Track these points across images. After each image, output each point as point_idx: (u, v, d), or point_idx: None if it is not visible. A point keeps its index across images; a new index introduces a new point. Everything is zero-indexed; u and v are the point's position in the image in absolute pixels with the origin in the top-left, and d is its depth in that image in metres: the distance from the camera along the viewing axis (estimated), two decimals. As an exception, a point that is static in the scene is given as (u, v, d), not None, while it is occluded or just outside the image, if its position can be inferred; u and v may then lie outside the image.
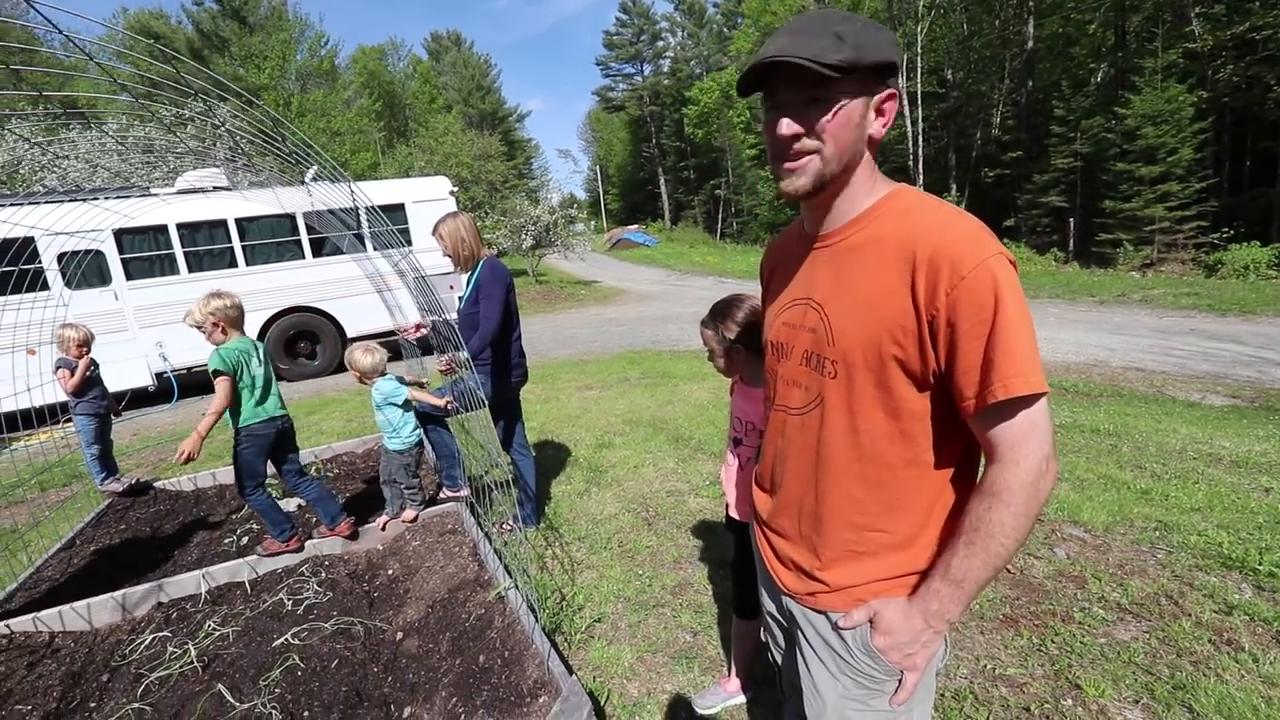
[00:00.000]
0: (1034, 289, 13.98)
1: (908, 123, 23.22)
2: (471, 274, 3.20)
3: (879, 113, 0.93)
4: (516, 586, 2.53)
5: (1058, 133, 18.95)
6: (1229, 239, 15.27)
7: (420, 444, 3.35)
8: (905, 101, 23.12)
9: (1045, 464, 0.86)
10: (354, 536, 3.23)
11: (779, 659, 1.29)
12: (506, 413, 3.44)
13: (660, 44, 50.70)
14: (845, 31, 0.87)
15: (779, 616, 1.22)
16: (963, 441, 0.96)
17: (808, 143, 0.91)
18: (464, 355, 2.96)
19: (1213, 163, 16.98)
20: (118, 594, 2.79)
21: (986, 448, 0.90)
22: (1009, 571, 2.72)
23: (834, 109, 0.88)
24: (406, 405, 3.25)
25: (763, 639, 1.32)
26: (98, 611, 2.75)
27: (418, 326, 3.53)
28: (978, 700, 2.02)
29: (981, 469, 0.93)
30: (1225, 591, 2.46)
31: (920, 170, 22.97)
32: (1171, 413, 5.11)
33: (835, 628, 1.03)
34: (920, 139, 23.18)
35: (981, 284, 0.83)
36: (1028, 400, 0.84)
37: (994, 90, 23.61)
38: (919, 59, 22.64)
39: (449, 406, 3.25)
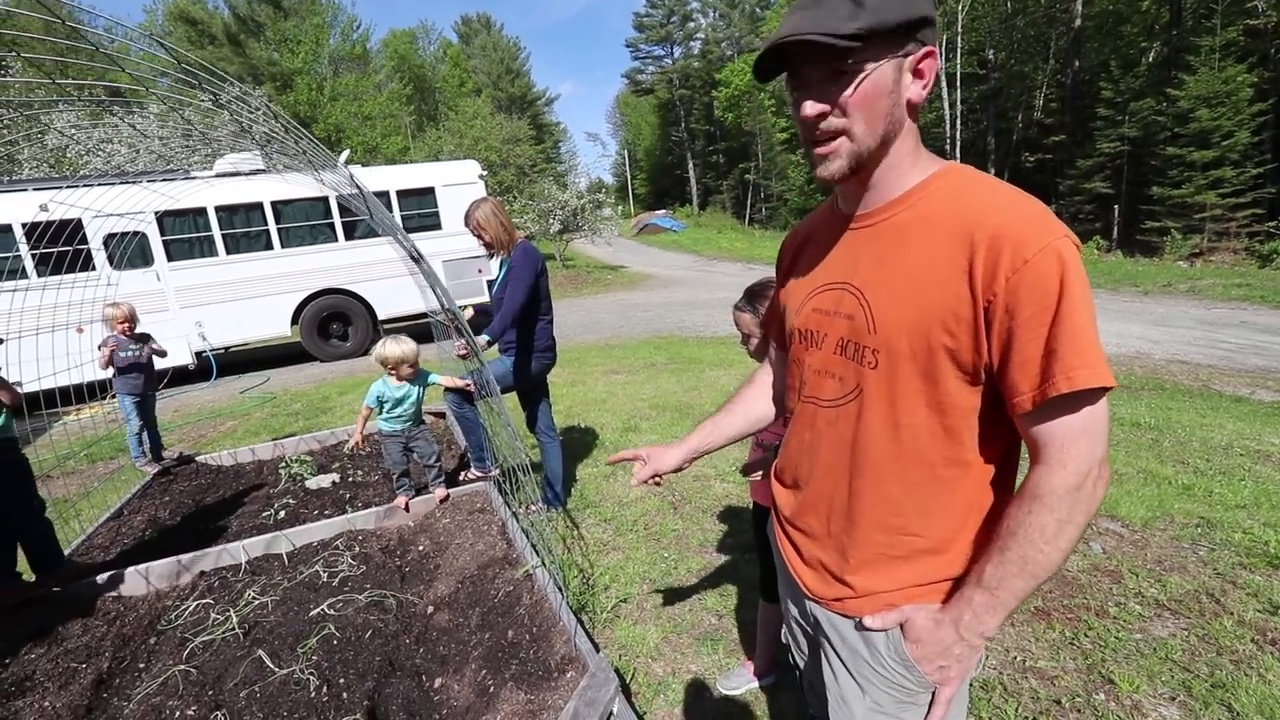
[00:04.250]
0: (1074, 278, 13.56)
1: (945, 105, 22.57)
2: (505, 258, 3.22)
3: (916, 74, 0.84)
4: (544, 565, 2.57)
5: (1104, 115, 18.25)
6: (1286, 227, 14.58)
7: (410, 428, 3.38)
8: (944, 83, 22.47)
9: (1097, 469, 0.78)
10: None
11: (801, 662, 1.21)
12: (533, 396, 3.47)
13: (691, 25, 50.03)
14: None
15: (802, 621, 1.14)
16: (1006, 442, 0.90)
17: (835, 121, 0.84)
18: (483, 339, 2.99)
19: (1271, 147, 16.14)
20: (163, 562, 2.91)
21: (1032, 448, 0.82)
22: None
23: (858, 80, 0.81)
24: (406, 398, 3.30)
25: (783, 640, 1.26)
26: (144, 578, 2.87)
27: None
28: (1007, 691, 1.99)
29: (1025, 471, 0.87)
30: (1271, 591, 2.38)
31: (958, 154, 22.33)
32: (1217, 407, 4.93)
33: (860, 627, 0.96)
34: (958, 121, 22.52)
35: (1047, 268, 0.76)
36: (1091, 395, 0.77)
37: (1038, 71, 22.78)
38: (959, 39, 21.92)
39: (470, 388, 3.29)
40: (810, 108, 0.84)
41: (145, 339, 4.60)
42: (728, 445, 1.34)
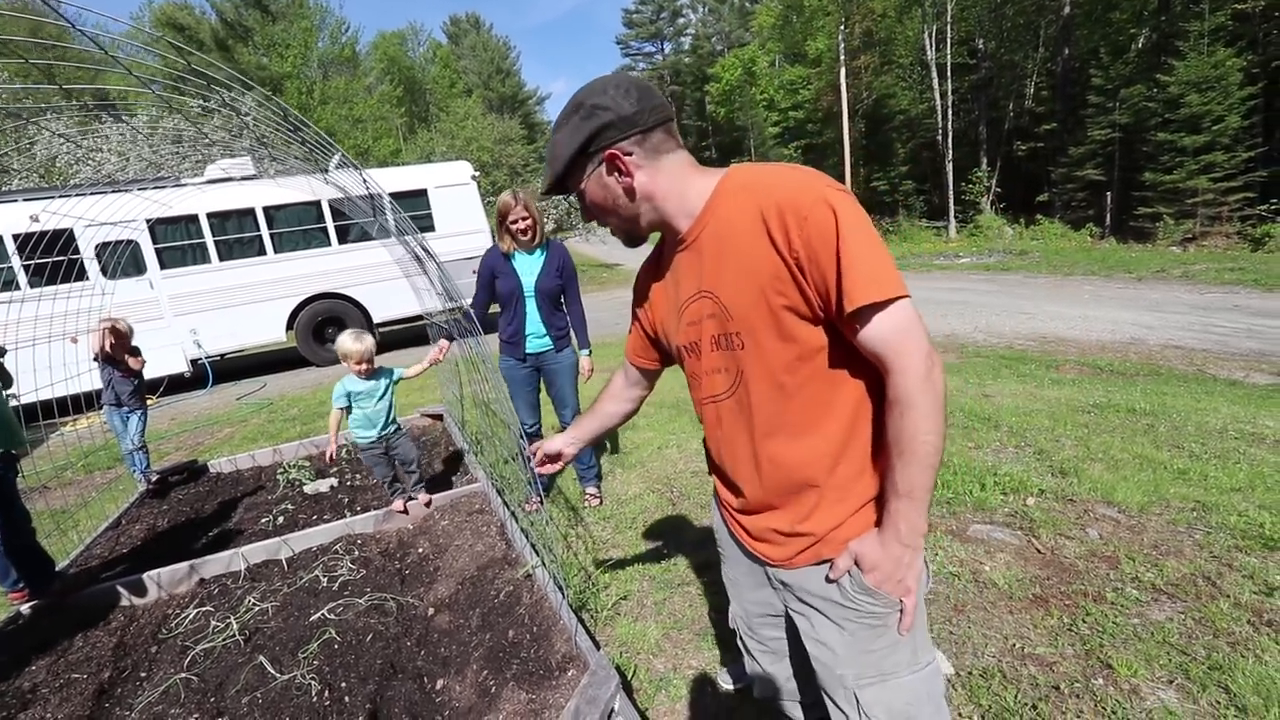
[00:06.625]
0: (1068, 266, 13.59)
1: (936, 96, 22.55)
2: (540, 249, 3.23)
3: (618, 171, 1.05)
4: (543, 564, 2.57)
5: (1095, 103, 18.23)
6: (1278, 210, 14.60)
7: (384, 438, 3.32)
8: (934, 73, 22.48)
9: (928, 358, 0.91)
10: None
11: (764, 665, 1.36)
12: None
13: (681, 21, 49.86)
14: (549, 150, 1.10)
15: (764, 607, 1.29)
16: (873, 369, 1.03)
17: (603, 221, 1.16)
18: (585, 355, 3.29)
19: (1262, 130, 16.14)
20: (163, 570, 2.91)
21: (876, 363, 0.96)
22: (1039, 551, 2.68)
23: (584, 202, 1.12)
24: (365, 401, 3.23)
25: (731, 625, 1.38)
26: (144, 587, 2.87)
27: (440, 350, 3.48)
28: (1005, 678, 2.00)
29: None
30: (1266, 573, 2.39)
31: (949, 144, 22.32)
32: (1212, 391, 4.95)
33: (828, 579, 1.08)
34: (949, 112, 22.50)
35: (823, 216, 0.91)
36: (885, 306, 0.90)
37: (1028, 60, 22.75)
38: (949, 29, 21.90)
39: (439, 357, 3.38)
40: (589, 217, 1.17)
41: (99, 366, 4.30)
42: (594, 441, 1.68)
